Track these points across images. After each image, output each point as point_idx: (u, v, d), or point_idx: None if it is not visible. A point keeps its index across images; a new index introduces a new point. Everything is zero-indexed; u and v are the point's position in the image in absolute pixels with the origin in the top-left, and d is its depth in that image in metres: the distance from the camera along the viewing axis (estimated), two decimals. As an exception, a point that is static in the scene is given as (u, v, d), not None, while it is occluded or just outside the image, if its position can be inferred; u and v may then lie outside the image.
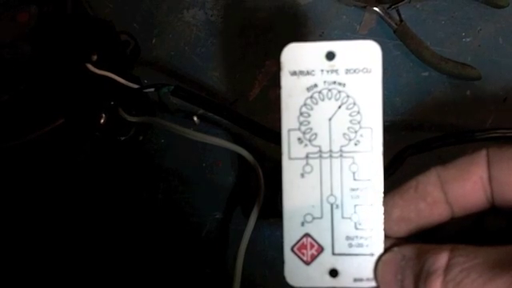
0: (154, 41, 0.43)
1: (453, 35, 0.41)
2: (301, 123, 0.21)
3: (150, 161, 0.40)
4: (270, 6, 0.43)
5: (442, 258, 0.18)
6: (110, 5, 0.45)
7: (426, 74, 0.40)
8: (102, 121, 0.34)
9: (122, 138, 0.37)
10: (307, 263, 0.21)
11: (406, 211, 0.21)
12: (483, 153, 0.20)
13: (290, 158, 0.21)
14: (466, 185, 0.20)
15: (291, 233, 0.21)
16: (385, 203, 0.21)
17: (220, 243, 0.38)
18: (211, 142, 0.36)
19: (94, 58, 0.31)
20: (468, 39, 0.41)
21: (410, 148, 0.34)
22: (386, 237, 0.21)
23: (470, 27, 0.41)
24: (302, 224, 0.21)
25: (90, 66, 0.32)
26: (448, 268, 0.17)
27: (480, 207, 0.20)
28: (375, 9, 0.41)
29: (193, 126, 0.38)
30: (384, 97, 0.21)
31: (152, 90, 0.34)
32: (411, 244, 0.20)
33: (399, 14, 0.41)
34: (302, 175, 0.21)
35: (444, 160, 0.20)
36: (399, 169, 0.33)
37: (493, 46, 0.40)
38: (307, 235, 0.21)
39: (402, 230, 0.21)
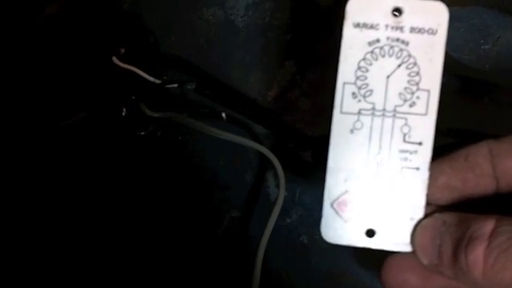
0: (173, 38, 0.43)
1: (471, 42, 0.41)
2: (357, 77, 0.21)
3: (167, 157, 0.40)
4: (289, 7, 0.43)
5: (487, 226, 0.18)
6: (128, 0, 0.45)
7: (444, 79, 0.40)
8: (124, 114, 0.34)
9: (142, 133, 0.37)
10: (345, 220, 0.21)
11: (452, 179, 0.20)
12: None
13: (341, 112, 0.21)
14: None
15: (333, 188, 0.21)
16: (432, 169, 0.21)
17: (237, 241, 0.38)
18: (231, 139, 0.35)
19: (122, 51, 0.31)
20: (487, 46, 0.41)
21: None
22: (427, 203, 0.21)
23: (488, 35, 0.41)
24: (345, 180, 0.21)
25: (115, 59, 0.32)
26: (494, 235, 0.17)
27: None
28: (395, 13, 0.41)
29: (219, 123, 0.38)
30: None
31: (175, 85, 0.34)
32: (453, 212, 0.20)
33: (419, 20, 0.41)
34: (352, 131, 0.21)
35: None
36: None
37: (511, 53, 0.41)
38: (349, 192, 0.21)
39: (444, 197, 0.21)
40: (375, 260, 0.25)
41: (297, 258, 0.37)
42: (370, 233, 0.21)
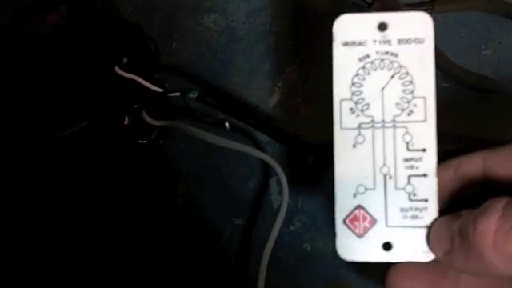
0: (174, 45, 0.43)
1: (473, 47, 0.41)
2: (353, 93, 0.21)
3: (169, 165, 0.40)
4: (290, 14, 0.43)
5: (500, 202, 0.17)
6: (129, 7, 0.45)
7: (446, 85, 0.40)
8: (126, 123, 0.34)
9: (144, 142, 0.37)
10: (360, 236, 0.21)
11: (440, 191, 0.20)
12: None
13: (341, 129, 0.21)
14: None
15: (343, 204, 0.21)
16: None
17: (240, 250, 0.38)
18: (233, 147, 0.35)
19: (125, 60, 0.31)
20: (488, 52, 0.41)
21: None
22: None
23: (489, 40, 0.41)
24: (354, 195, 0.21)
25: (117, 69, 0.32)
26: (508, 207, 0.17)
27: None
28: (396, 19, 0.41)
29: (221, 131, 0.37)
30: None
31: (177, 94, 0.34)
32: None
33: (420, 25, 0.41)
34: (354, 146, 0.21)
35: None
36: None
37: (512, 59, 0.41)
38: (360, 207, 0.21)
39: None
40: (379, 267, 0.25)
41: (300, 265, 0.37)
42: (387, 246, 0.21)
